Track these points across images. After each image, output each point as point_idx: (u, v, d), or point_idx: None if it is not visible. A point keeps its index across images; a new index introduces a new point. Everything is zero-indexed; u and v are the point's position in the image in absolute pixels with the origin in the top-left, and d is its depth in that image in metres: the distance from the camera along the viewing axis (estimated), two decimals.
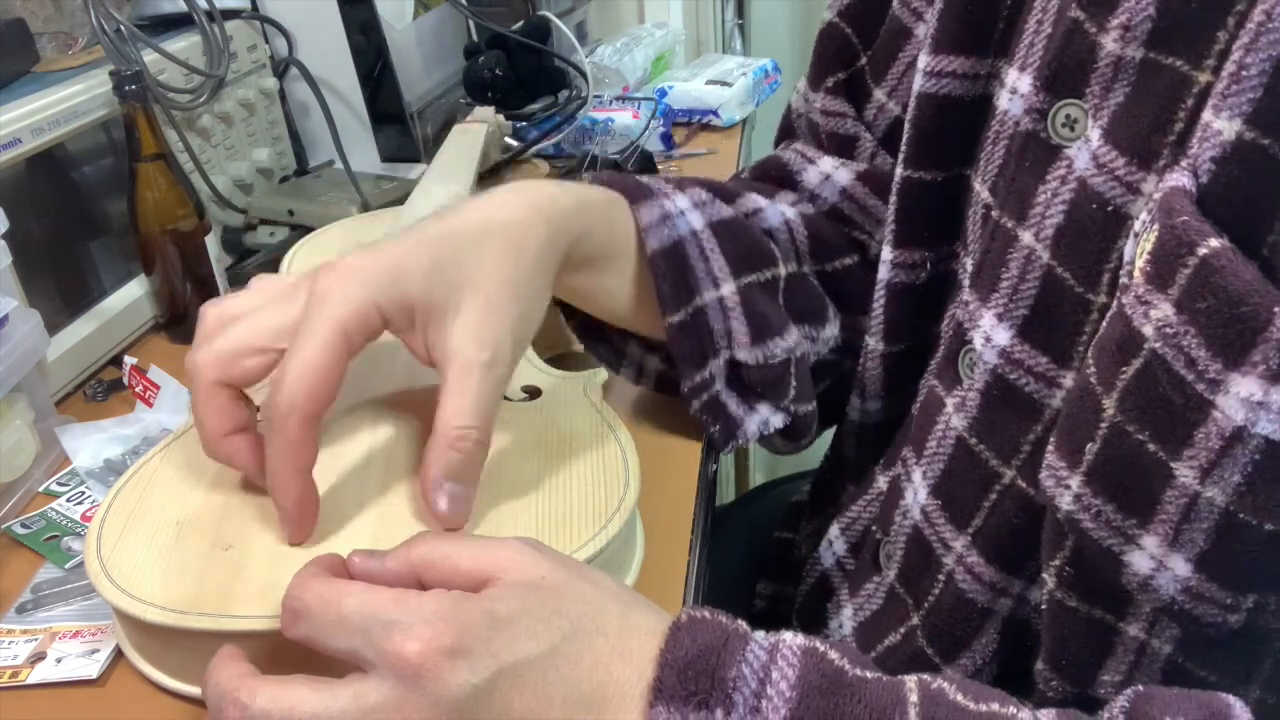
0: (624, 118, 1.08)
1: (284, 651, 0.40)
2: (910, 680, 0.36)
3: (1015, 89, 0.46)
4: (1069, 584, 0.42)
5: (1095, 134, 0.41)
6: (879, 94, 0.61)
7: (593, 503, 0.46)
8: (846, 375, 0.63)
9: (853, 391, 0.61)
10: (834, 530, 0.61)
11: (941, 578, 0.49)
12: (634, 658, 0.35)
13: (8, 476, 0.59)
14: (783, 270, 0.57)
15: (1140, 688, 0.37)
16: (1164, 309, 0.35)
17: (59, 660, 0.47)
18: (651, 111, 1.08)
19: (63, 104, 0.69)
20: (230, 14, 0.88)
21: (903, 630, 0.52)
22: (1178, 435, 0.35)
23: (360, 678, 0.34)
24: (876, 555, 0.55)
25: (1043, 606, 0.44)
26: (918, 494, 0.51)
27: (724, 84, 1.17)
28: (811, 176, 0.64)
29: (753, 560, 0.75)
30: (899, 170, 0.53)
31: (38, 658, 0.47)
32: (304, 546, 0.45)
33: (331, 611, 0.35)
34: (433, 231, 0.44)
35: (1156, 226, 0.35)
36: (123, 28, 0.75)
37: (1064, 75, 0.42)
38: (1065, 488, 0.40)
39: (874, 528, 0.56)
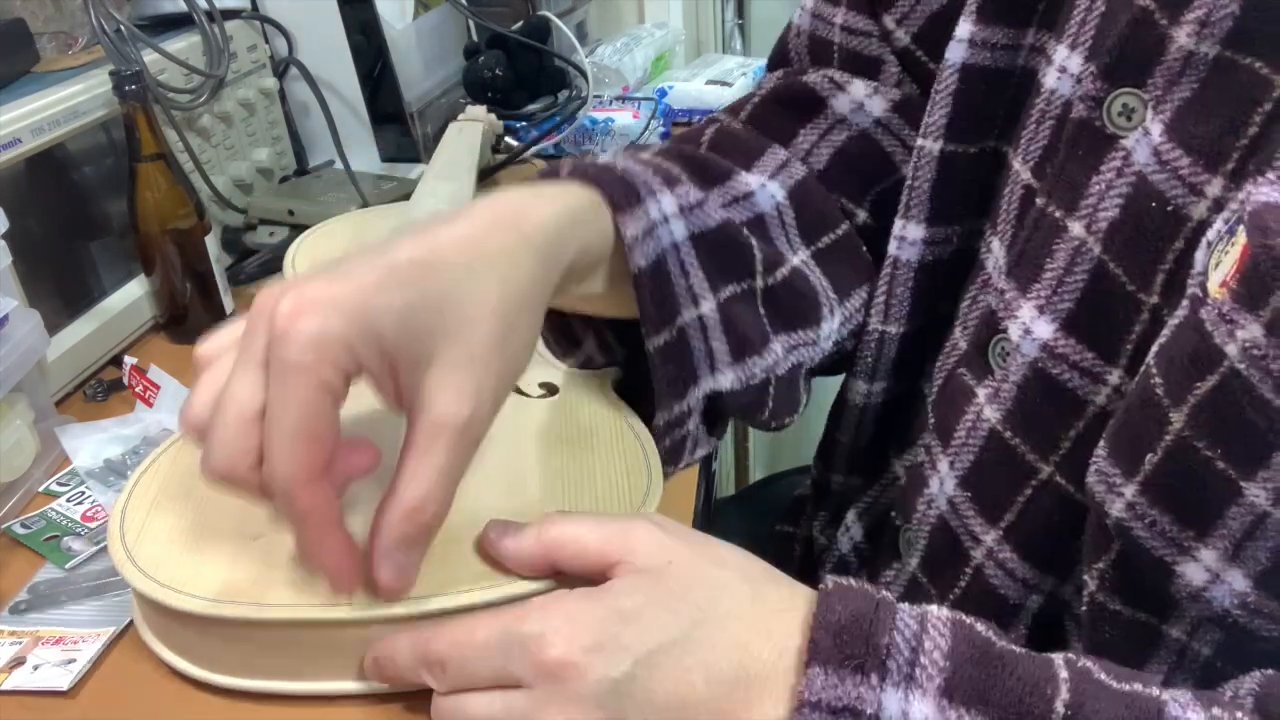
0: (624, 118, 1.08)
1: (312, 642, 0.41)
2: (1057, 656, 0.36)
3: (1065, 68, 0.44)
4: (1112, 587, 0.41)
5: (1156, 128, 0.39)
6: (888, 20, 0.57)
7: (618, 497, 0.46)
8: (844, 358, 0.60)
9: (855, 376, 0.59)
10: (850, 515, 0.60)
11: (969, 570, 0.49)
12: (773, 635, 0.35)
13: (8, 476, 0.59)
14: (759, 282, 0.52)
15: (1270, 672, 0.36)
16: (1253, 330, 0.33)
17: (36, 667, 0.47)
18: (651, 111, 1.08)
19: (63, 104, 0.69)
20: (230, 14, 0.88)
21: None
22: (1254, 456, 0.34)
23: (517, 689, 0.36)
24: (896, 541, 0.54)
25: (1082, 608, 0.43)
26: (944, 484, 0.50)
27: (724, 84, 1.17)
28: (842, 103, 0.58)
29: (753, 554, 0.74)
30: (932, 143, 0.51)
31: (17, 663, 0.47)
32: None
33: (470, 649, 0.37)
34: (406, 260, 0.37)
35: (1243, 241, 0.34)
36: (123, 28, 0.75)
37: (1125, 63, 0.40)
38: (1118, 495, 0.39)
39: (893, 513, 0.55)
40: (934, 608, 0.37)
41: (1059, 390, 0.44)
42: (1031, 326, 0.44)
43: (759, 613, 0.36)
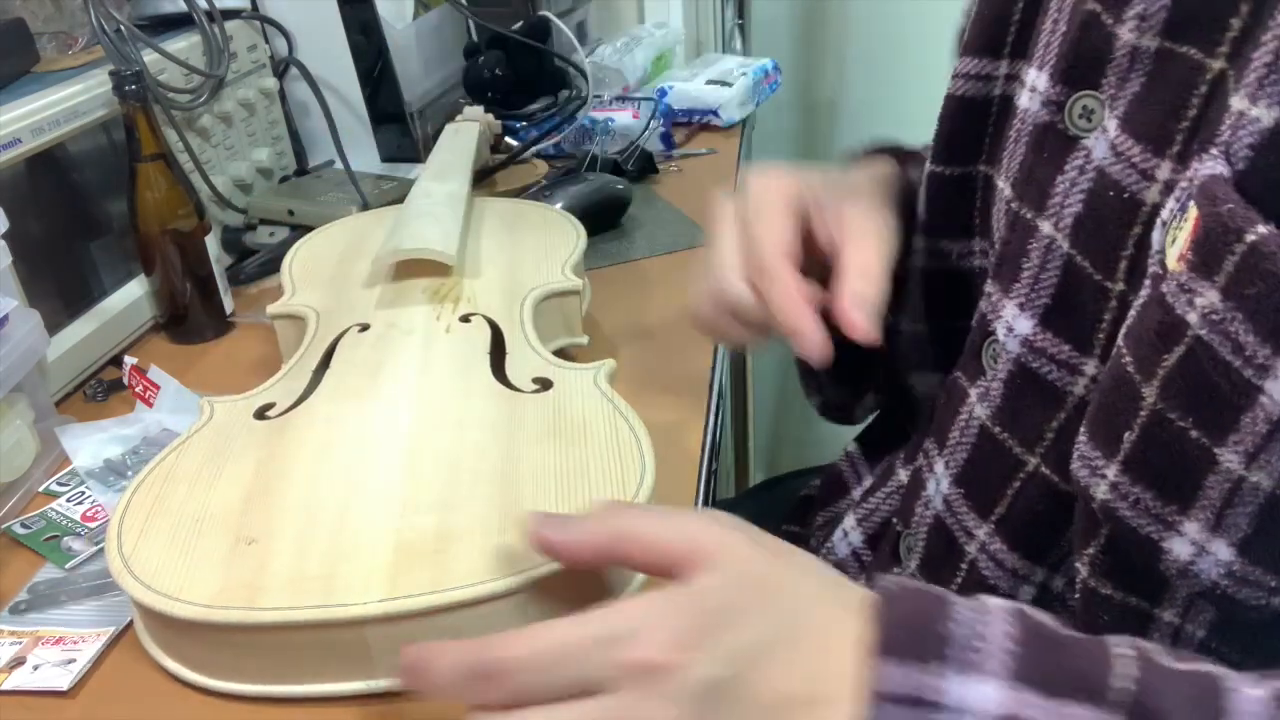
0: (624, 118, 1.08)
1: (309, 644, 0.41)
2: (1114, 637, 0.36)
3: (1035, 87, 0.47)
4: (1103, 571, 0.42)
5: (1112, 124, 0.42)
6: None
7: (612, 488, 0.47)
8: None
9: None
10: (849, 521, 0.61)
11: (964, 566, 0.50)
12: (849, 633, 0.35)
13: (8, 476, 0.59)
14: None
15: None
16: (1210, 296, 0.35)
17: (36, 668, 0.47)
18: (651, 111, 1.08)
19: (63, 104, 0.69)
20: (230, 14, 0.88)
21: None
22: (1223, 421, 0.35)
23: (596, 696, 0.34)
24: (896, 548, 0.55)
25: (1075, 597, 0.44)
26: (940, 484, 0.52)
27: (724, 84, 1.17)
28: None
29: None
30: (927, 165, 0.55)
31: (17, 663, 0.47)
32: (329, 521, 0.46)
33: (545, 655, 0.35)
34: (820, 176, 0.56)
35: (1195, 213, 0.35)
36: (123, 28, 0.75)
37: (1080, 67, 0.43)
38: (1101, 477, 0.40)
39: (894, 520, 0.56)
40: (992, 599, 0.37)
41: (1040, 383, 0.46)
42: (1014, 324, 0.47)
43: (836, 612, 0.37)
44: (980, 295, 0.53)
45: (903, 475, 0.58)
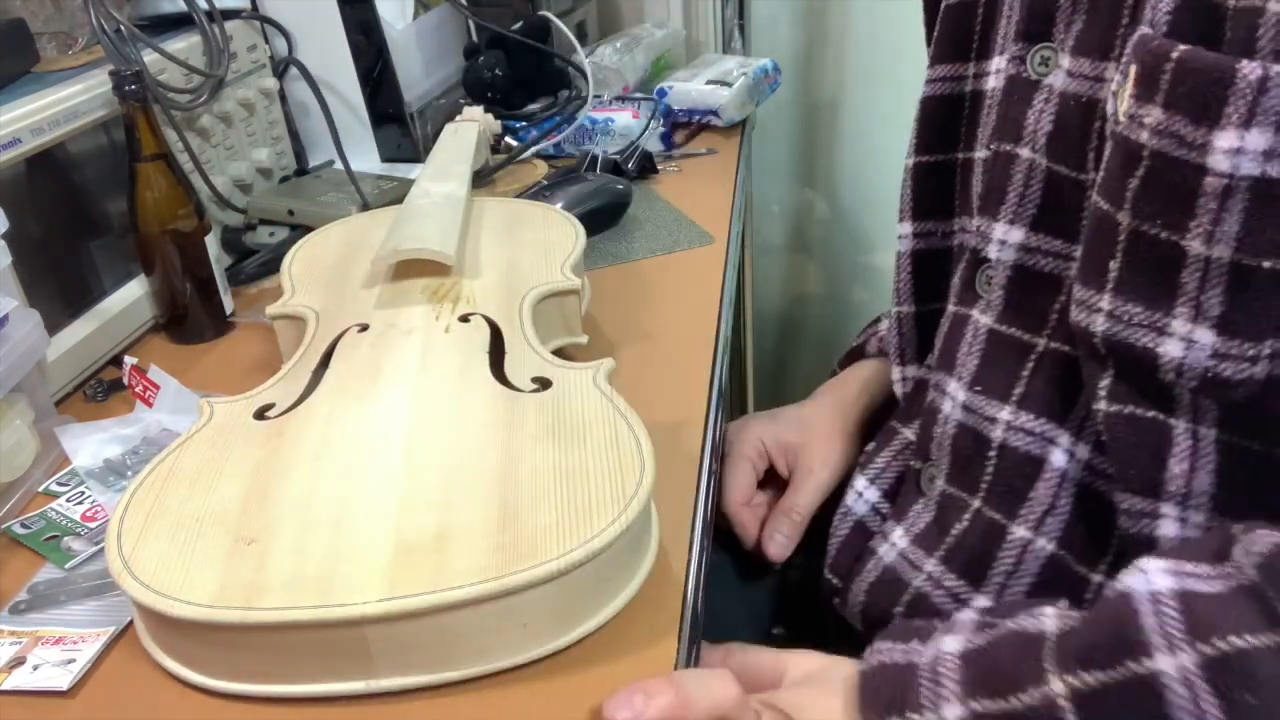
0: (624, 118, 1.08)
1: (308, 644, 0.41)
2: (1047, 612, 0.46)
3: (998, 69, 0.56)
4: (1118, 396, 0.48)
5: (1065, 60, 0.51)
6: None
7: (611, 488, 0.47)
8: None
9: (893, 364, 0.68)
10: (860, 483, 0.65)
11: (993, 453, 0.55)
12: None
13: (8, 476, 0.59)
14: None
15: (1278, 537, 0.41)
16: (1154, 113, 0.43)
17: (36, 667, 0.47)
18: (651, 111, 1.08)
19: (63, 104, 0.69)
20: (230, 14, 0.88)
21: (966, 516, 0.56)
22: (1183, 212, 0.42)
23: None
24: (918, 484, 0.60)
25: (1099, 428, 0.49)
26: (955, 397, 0.57)
27: (724, 84, 1.17)
28: None
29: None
30: (906, 159, 0.63)
31: (17, 662, 0.47)
32: (328, 520, 0.46)
33: None
34: (790, 412, 0.75)
35: (1133, 65, 0.44)
36: (123, 28, 0.75)
37: (1034, 24, 0.52)
38: (1097, 311, 0.47)
39: (911, 463, 0.62)
40: (948, 646, 0.46)
41: (1039, 276, 0.53)
42: (1006, 238, 0.54)
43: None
44: (957, 263, 0.60)
45: (907, 432, 0.64)
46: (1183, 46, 0.42)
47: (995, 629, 0.47)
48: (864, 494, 0.65)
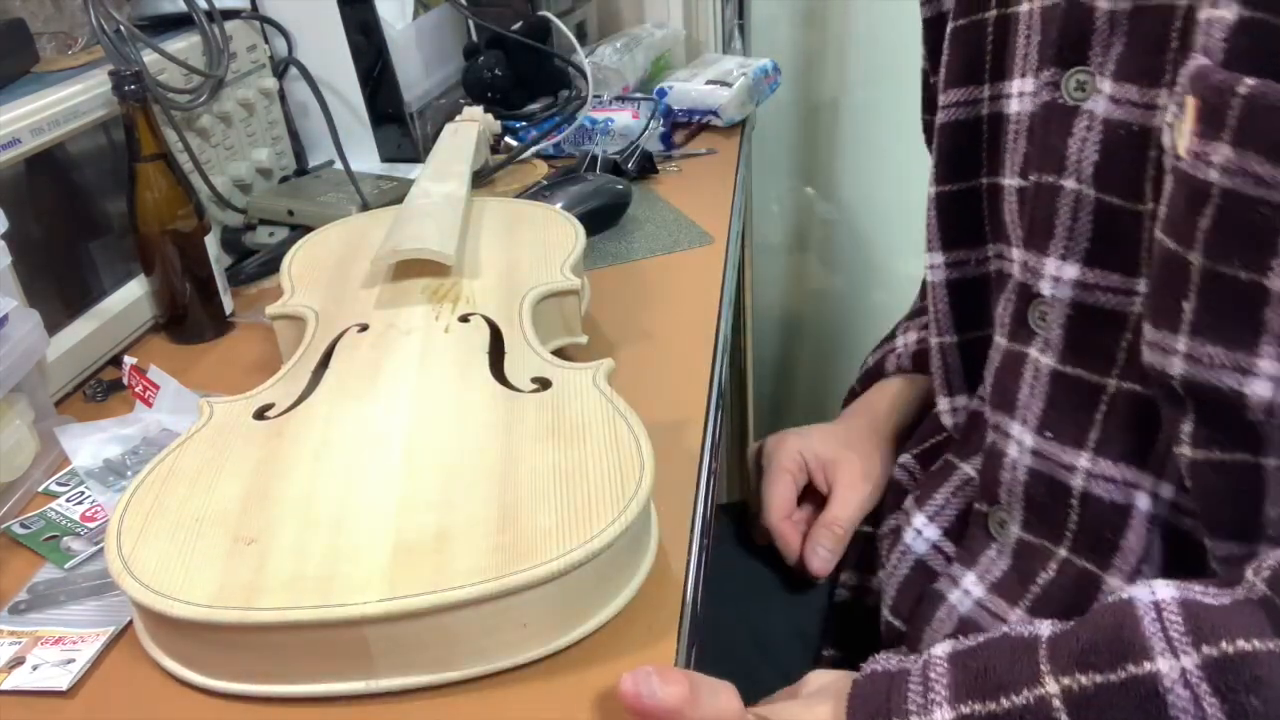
0: (624, 118, 1.08)
1: (308, 644, 0.41)
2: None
3: (1022, 92, 0.53)
4: (1202, 441, 0.45)
5: (1106, 85, 0.48)
6: None
7: (610, 488, 0.47)
8: None
9: (939, 395, 0.66)
10: (919, 520, 0.63)
11: (1075, 501, 0.52)
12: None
13: (7, 476, 0.59)
14: None
15: None
16: (1223, 151, 0.40)
17: (35, 668, 0.47)
18: (651, 111, 1.08)
19: (63, 104, 0.69)
20: (230, 14, 0.88)
21: (1053, 566, 0.54)
22: (1263, 251, 0.40)
23: None
24: (985, 527, 0.57)
25: (1185, 478, 0.47)
26: (1022, 442, 0.54)
27: (724, 84, 1.17)
28: None
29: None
30: (929, 187, 0.61)
31: (16, 663, 0.47)
32: (328, 520, 0.46)
33: None
34: (824, 427, 0.74)
35: (1191, 99, 0.41)
36: (122, 28, 0.75)
37: (1067, 48, 0.49)
38: (1173, 353, 0.44)
39: (976, 504, 0.58)
40: (938, 651, 0.46)
41: (1101, 313, 0.50)
42: (1059, 274, 0.51)
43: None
44: (999, 291, 0.57)
45: (967, 468, 0.61)
46: (1250, 81, 0.39)
47: (986, 634, 0.46)
48: (923, 532, 0.62)
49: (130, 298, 0.76)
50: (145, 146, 0.71)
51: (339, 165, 0.97)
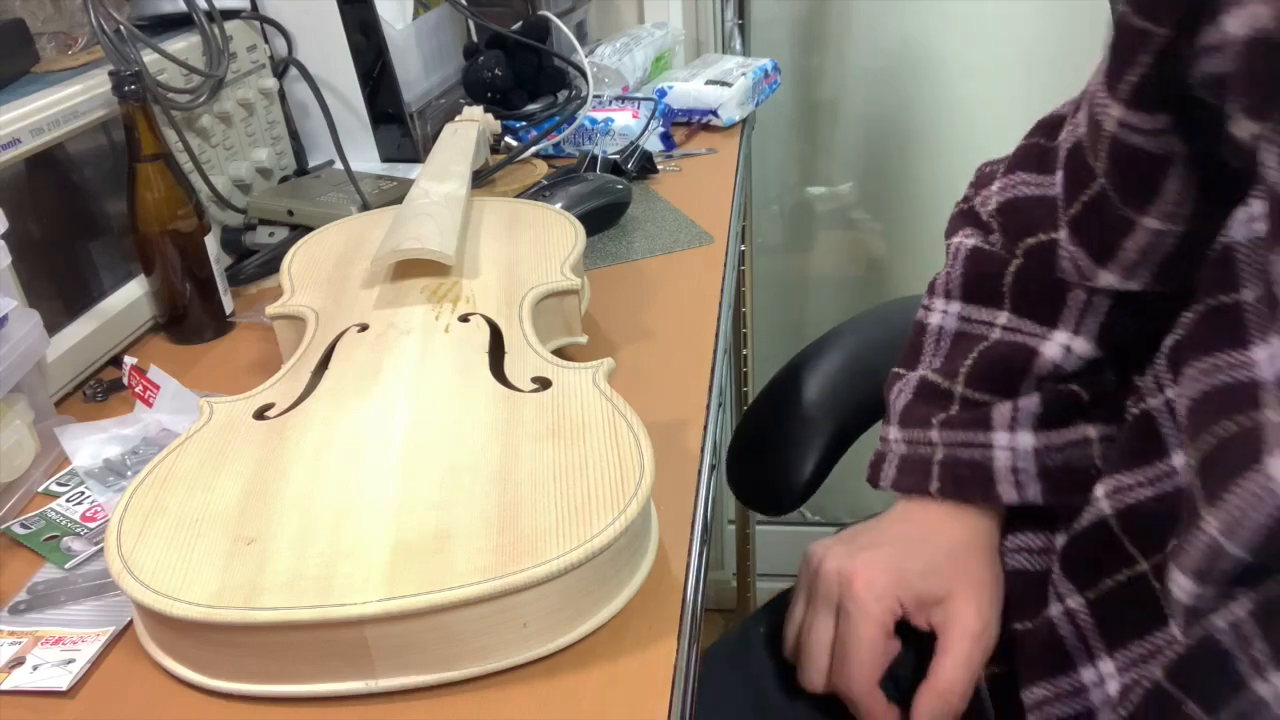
0: (624, 118, 1.08)
1: (308, 644, 0.41)
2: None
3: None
4: None
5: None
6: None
7: (610, 488, 0.47)
8: None
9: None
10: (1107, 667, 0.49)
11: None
12: None
13: (7, 476, 0.59)
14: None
15: None
16: None
17: (35, 668, 0.47)
18: (651, 111, 1.08)
19: (63, 104, 0.69)
20: (230, 14, 0.88)
21: None
22: None
23: None
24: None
25: None
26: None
27: (724, 84, 1.17)
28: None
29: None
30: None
31: (16, 663, 0.47)
32: (328, 520, 0.46)
33: None
34: (907, 538, 0.58)
35: None
36: (122, 28, 0.75)
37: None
38: None
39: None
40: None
41: None
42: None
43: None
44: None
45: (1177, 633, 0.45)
46: None
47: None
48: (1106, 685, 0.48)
49: (130, 298, 0.76)
50: (145, 146, 0.71)
51: (339, 165, 0.97)
